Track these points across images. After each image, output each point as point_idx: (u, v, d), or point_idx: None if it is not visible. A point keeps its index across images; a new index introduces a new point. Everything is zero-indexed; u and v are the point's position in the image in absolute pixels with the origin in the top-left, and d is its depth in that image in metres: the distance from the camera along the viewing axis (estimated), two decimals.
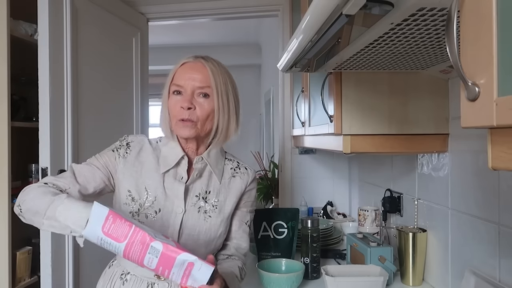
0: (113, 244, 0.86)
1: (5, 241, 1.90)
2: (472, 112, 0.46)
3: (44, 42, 1.82)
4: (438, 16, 0.66)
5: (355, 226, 2.07)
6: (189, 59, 1.12)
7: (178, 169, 1.12)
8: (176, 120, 1.08)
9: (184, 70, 1.10)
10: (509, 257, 1.00)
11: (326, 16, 0.69)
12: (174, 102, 1.09)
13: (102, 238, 0.86)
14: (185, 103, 1.06)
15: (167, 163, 1.12)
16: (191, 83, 1.08)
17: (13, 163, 1.96)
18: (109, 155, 1.13)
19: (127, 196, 1.10)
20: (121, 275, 1.11)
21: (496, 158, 0.45)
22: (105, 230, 0.86)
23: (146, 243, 0.86)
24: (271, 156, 3.71)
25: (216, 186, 1.15)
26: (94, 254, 2.04)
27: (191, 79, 1.08)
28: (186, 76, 1.08)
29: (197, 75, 1.08)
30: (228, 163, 1.21)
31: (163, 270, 0.87)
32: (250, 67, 5.99)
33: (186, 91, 1.08)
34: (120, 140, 1.17)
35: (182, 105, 1.07)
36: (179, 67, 1.11)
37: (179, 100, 1.08)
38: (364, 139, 1.27)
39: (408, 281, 1.40)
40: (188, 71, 1.09)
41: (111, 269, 1.16)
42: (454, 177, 1.26)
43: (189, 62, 1.11)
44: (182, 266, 0.87)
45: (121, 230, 0.86)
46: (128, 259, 0.88)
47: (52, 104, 1.84)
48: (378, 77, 1.27)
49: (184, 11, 2.65)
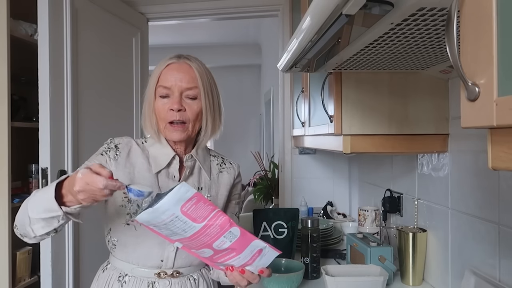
0: (188, 223, 0.87)
1: (5, 241, 1.90)
2: (472, 112, 0.46)
3: (44, 42, 1.82)
4: (438, 16, 0.66)
5: (355, 226, 2.07)
6: (173, 59, 1.09)
7: (170, 169, 1.13)
8: (165, 123, 1.07)
9: (170, 72, 1.07)
10: (509, 257, 1.00)
11: (326, 16, 0.69)
12: (161, 104, 1.07)
13: (177, 216, 0.86)
14: (175, 105, 1.05)
15: (159, 163, 1.11)
16: (178, 84, 1.06)
17: (13, 163, 1.96)
18: (99, 159, 1.10)
19: (122, 198, 1.09)
20: (118, 277, 1.11)
21: (496, 158, 0.45)
22: (185, 210, 0.87)
23: (225, 228, 0.88)
24: (271, 156, 3.71)
25: (207, 182, 1.17)
26: (94, 254, 2.04)
27: (178, 80, 1.06)
28: (172, 78, 1.06)
29: (184, 76, 1.07)
30: (213, 160, 1.23)
31: (229, 253, 0.91)
32: (250, 67, 5.99)
33: (174, 92, 1.06)
34: (107, 143, 1.14)
35: (172, 107, 1.05)
36: (164, 68, 1.08)
37: (166, 102, 1.07)
38: (364, 139, 1.27)
39: (408, 281, 1.40)
40: (175, 72, 1.07)
41: (105, 273, 1.15)
42: (454, 177, 1.26)
43: (174, 63, 1.09)
44: (252, 251, 0.92)
45: (201, 212, 0.88)
46: (194, 239, 0.89)
47: (52, 104, 1.84)
48: (378, 77, 1.27)
49: (184, 11, 2.65)
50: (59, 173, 1.87)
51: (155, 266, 1.09)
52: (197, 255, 0.95)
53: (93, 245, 2.06)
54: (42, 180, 1.83)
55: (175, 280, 1.11)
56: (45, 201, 0.90)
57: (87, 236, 2.02)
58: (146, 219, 0.86)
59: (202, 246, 0.91)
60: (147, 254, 1.09)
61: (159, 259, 1.09)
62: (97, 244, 2.08)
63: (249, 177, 3.91)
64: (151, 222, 0.87)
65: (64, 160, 1.91)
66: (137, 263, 1.09)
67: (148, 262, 1.09)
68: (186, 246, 0.93)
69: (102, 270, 1.17)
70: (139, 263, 1.09)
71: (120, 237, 1.10)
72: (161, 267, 1.10)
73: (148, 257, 1.09)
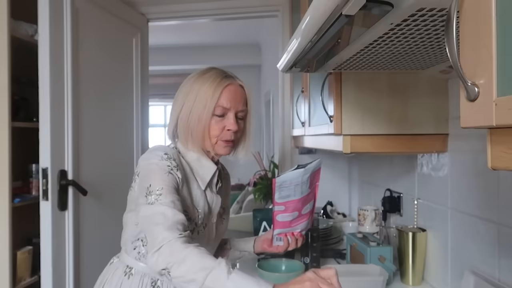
0: (307, 185, 1.14)
1: (5, 241, 1.90)
2: (471, 112, 0.46)
3: (45, 43, 1.82)
4: (437, 16, 0.67)
5: (355, 226, 2.07)
6: (229, 80, 1.12)
7: (212, 183, 1.17)
8: (218, 139, 1.11)
9: (230, 93, 1.11)
10: (509, 257, 1.00)
11: (326, 17, 0.69)
12: (215, 122, 1.10)
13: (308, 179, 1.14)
14: (233, 126, 1.10)
15: (205, 178, 1.14)
16: (235, 106, 1.11)
17: (13, 163, 1.97)
18: (171, 180, 1.02)
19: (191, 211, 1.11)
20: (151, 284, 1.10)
21: (495, 158, 0.45)
22: (311, 176, 1.16)
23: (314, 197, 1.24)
24: (271, 156, 3.71)
25: (220, 190, 1.23)
26: (94, 254, 2.04)
27: (236, 102, 1.11)
28: (232, 99, 1.11)
29: (241, 99, 1.13)
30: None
31: (303, 217, 1.20)
32: (250, 67, 5.98)
33: (230, 113, 1.11)
34: (167, 158, 1.05)
35: (230, 128, 1.10)
36: (224, 88, 1.10)
37: (222, 120, 1.11)
38: (364, 139, 1.27)
39: (408, 281, 1.40)
40: (233, 94, 1.12)
41: (133, 280, 1.12)
42: (453, 177, 1.26)
43: (232, 84, 1.12)
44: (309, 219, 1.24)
45: (313, 180, 1.20)
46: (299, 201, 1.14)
47: (53, 104, 1.84)
48: (378, 77, 1.27)
49: (184, 11, 2.65)
50: (59, 173, 1.87)
51: None
52: (276, 224, 1.16)
53: (94, 245, 2.06)
54: (43, 180, 1.83)
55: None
56: None
57: (87, 236, 2.02)
58: (286, 178, 1.09)
59: (296, 209, 1.15)
60: None
61: None
62: (97, 244, 2.09)
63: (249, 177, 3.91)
64: (286, 181, 1.09)
65: (64, 160, 1.91)
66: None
67: None
68: (285, 209, 1.13)
69: (126, 276, 1.12)
70: None
71: None
72: None
73: None
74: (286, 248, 1.19)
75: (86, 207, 2.02)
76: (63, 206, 1.89)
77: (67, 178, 1.90)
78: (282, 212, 1.14)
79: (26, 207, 2.10)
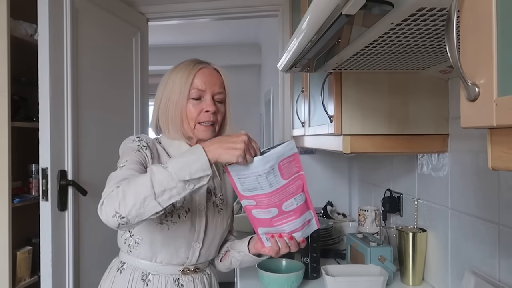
0: (277, 177, 0.93)
1: (5, 241, 1.90)
2: (472, 112, 0.46)
3: (44, 42, 1.82)
4: (438, 16, 0.66)
5: (355, 226, 2.07)
6: (202, 64, 1.16)
7: None
8: (195, 123, 1.12)
9: (204, 76, 1.14)
10: (509, 257, 1.00)
11: (326, 16, 0.69)
12: (193, 105, 1.12)
13: (273, 169, 0.92)
14: (211, 107, 1.11)
15: None
16: (212, 88, 1.13)
17: (13, 163, 1.96)
18: (139, 155, 1.07)
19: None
20: (141, 277, 1.12)
21: (496, 158, 0.45)
22: (281, 164, 0.93)
23: (299, 190, 0.98)
24: None
25: (218, 182, 1.23)
26: (94, 254, 2.04)
27: (212, 84, 1.13)
28: (207, 81, 1.13)
29: (216, 81, 1.15)
30: None
31: (289, 216, 1.00)
32: (250, 67, 5.98)
33: (206, 95, 1.12)
34: (137, 140, 1.11)
35: (208, 109, 1.11)
36: (197, 72, 1.14)
37: (199, 103, 1.12)
38: (364, 139, 1.27)
39: (408, 281, 1.40)
40: (208, 76, 1.14)
41: (124, 274, 1.13)
42: (454, 177, 1.26)
43: (205, 67, 1.15)
44: (304, 220, 1.02)
45: (290, 170, 0.95)
46: (272, 195, 0.95)
47: (52, 104, 1.84)
48: (378, 77, 1.27)
49: (184, 11, 2.65)
50: (59, 173, 1.87)
51: (180, 263, 1.13)
52: (254, 221, 1.01)
53: (93, 245, 2.06)
54: (42, 180, 1.83)
55: (196, 275, 1.17)
56: (195, 162, 0.87)
57: (87, 236, 2.02)
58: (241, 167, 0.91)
59: (273, 205, 0.97)
60: (175, 253, 1.12)
61: (186, 257, 1.13)
62: (97, 244, 2.08)
63: None
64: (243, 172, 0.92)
65: (64, 160, 1.91)
66: (161, 261, 1.12)
67: (174, 260, 1.12)
68: (256, 204, 0.98)
69: (118, 272, 1.15)
70: (163, 262, 1.12)
71: (145, 236, 1.10)
72: (185, 264, 1.14)
73: (175, 256, 1.12)
74: (277, 252, 1.07)
75: (86, 207, 2.02)
76: (63, 206, 1.89)
77: (67, 178, 1.90)
78: (254, 207, 0.99)
79: (26, 207, 2.10)
